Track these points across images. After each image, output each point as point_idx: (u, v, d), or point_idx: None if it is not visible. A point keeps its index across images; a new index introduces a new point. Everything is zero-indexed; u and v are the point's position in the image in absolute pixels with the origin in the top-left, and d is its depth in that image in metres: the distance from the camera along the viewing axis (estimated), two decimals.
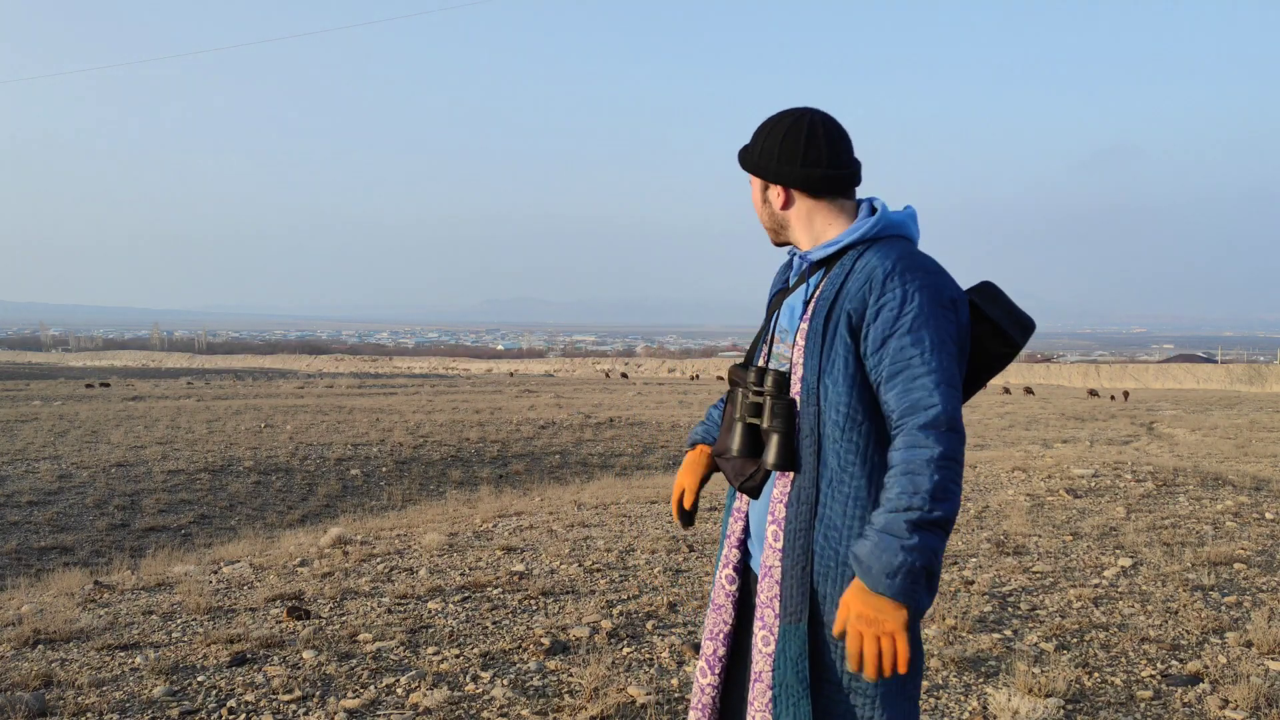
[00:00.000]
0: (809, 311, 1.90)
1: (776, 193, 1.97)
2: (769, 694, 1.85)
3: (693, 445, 2.22)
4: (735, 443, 1.96)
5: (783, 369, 1.94)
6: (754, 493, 1.97)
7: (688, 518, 2.17)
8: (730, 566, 2.05)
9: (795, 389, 1.89)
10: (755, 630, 1.91)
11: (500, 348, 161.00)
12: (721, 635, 2.03)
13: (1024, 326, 1.93)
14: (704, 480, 2.16)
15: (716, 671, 2.03)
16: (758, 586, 1.93)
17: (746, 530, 2.05)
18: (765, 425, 1.89)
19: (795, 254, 2.05)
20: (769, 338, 2.03)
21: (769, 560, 1.89)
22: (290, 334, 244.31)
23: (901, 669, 1.67)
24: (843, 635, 1.74)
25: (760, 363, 2.04)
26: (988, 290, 1.96)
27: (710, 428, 2.20)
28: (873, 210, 1.96)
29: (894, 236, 1.91)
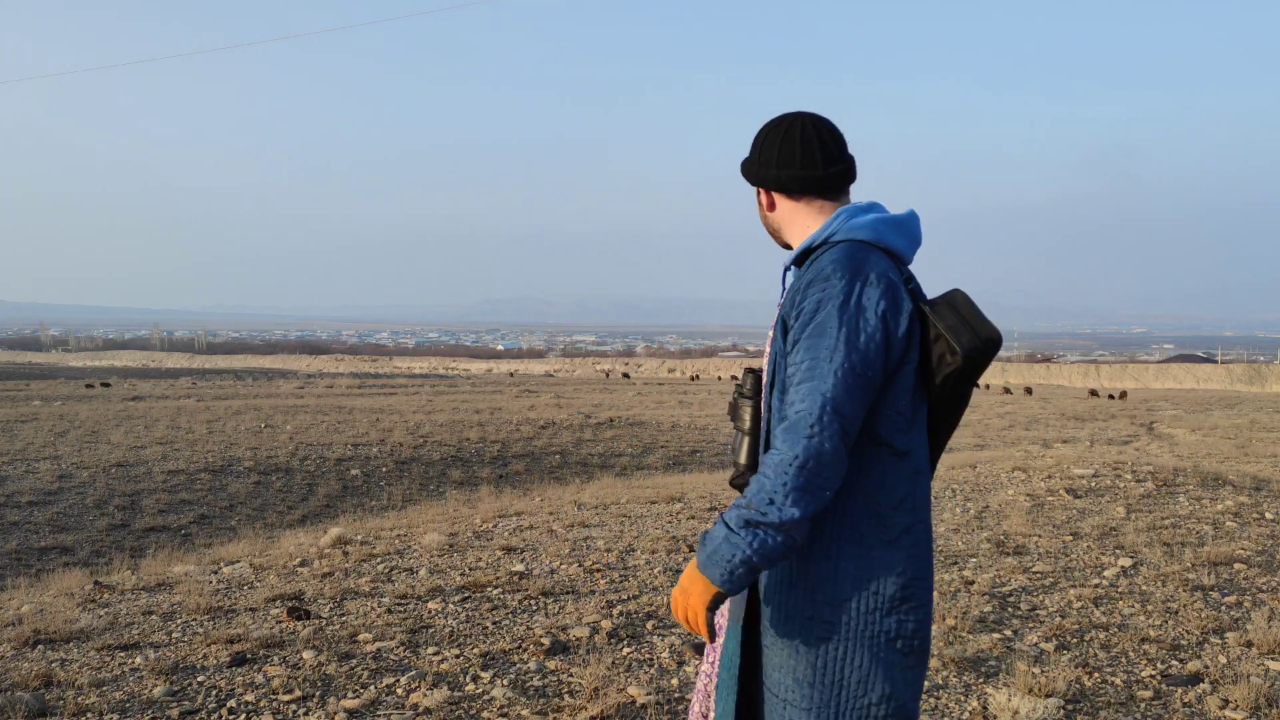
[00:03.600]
0: (774, 317, 1.95)
1: (760, 196, 2.02)
2: (711, 684, 2.00)
3: None
4: (733, 447, 2.03)
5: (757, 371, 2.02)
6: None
7: None
8: None
9: (767, 394, 1.93)
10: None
11: (500, 348, 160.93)
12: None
13: (975, 333, 1.82)
14: None
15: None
16: None
17: None
18: (743, 427, 1.95)
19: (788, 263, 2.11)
20: None
21: None
22: (290, 334, 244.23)
23: (702, 638, 1.86)
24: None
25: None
26: (949, 298, 1.88)
27: None
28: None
29: (850, 240, 1.85)
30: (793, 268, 2.01)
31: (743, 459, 1.92)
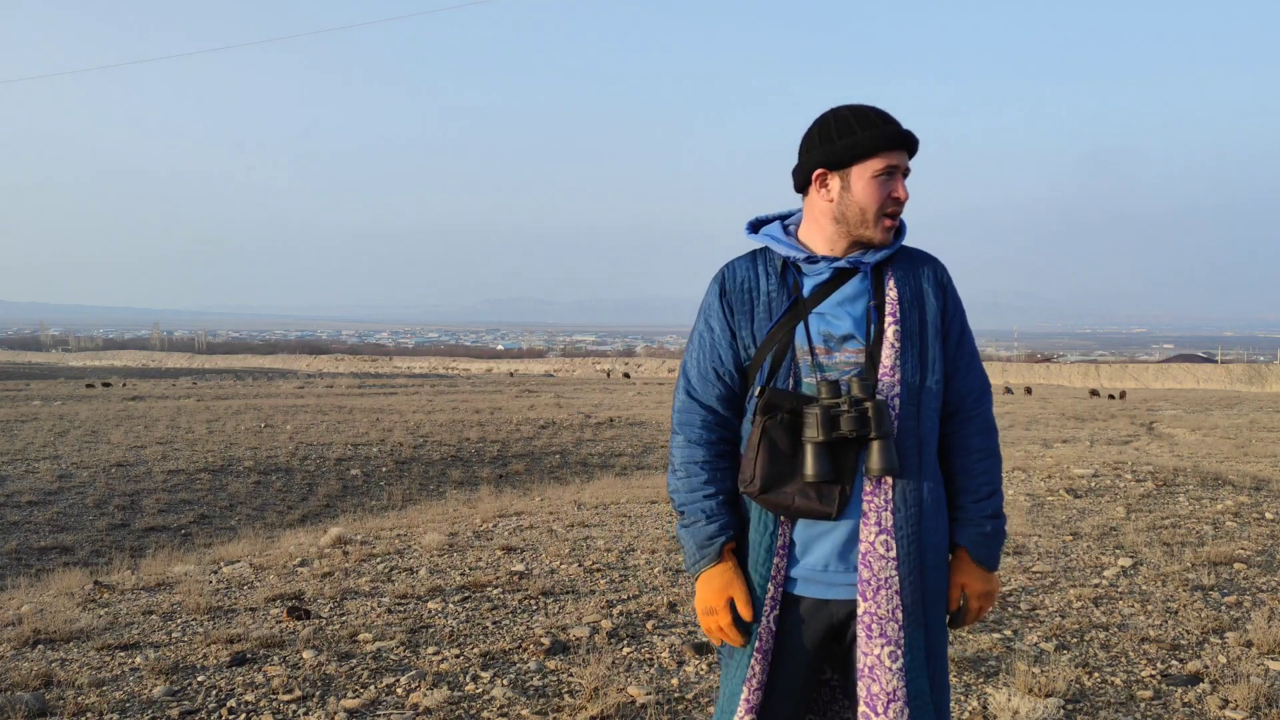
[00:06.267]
0: (896, 313, 1.91)
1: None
2: (907, 711, 1.81)
3: (719, 553, 1.92)
4: (811, 467, 1.82)
5: (855, 375, 1.89)
6: (838, 512, 1.86)
7: (749, 629, 1.92)
8: (778, 608, 1.91)
9: (892, 391, 1.88)
10: (873, 650, 1.83)
11: (500, 348, 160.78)
12: (759, 683, 1.90)
13: None
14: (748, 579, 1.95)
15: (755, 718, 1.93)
16: (865, 604, 1.83)
17: (788, 564, 1.92)
18: (874, 433, 1.81)
19: (795, 260, 1.95)
20: (803, 351, 1.91)
21: (882, 572, 1.83)
22: (290, 334, 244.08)
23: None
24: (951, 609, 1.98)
25: (805, 379, 1.91)
26: None
27: (727, 518, 1.93)
28: None
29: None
30: (827, 269, 1.95)
31: (876, 464, 1.82)
